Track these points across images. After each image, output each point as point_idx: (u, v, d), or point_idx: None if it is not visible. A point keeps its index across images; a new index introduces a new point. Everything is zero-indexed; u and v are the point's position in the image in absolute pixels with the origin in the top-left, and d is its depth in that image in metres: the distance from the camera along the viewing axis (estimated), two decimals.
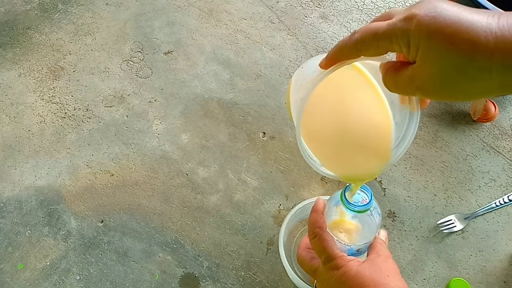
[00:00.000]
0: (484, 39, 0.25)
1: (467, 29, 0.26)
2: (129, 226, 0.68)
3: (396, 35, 0.28)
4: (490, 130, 0.75)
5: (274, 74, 0.83)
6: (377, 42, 0.30)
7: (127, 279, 0.63)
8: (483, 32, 0.25)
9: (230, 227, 0.67)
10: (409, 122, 0.38)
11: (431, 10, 0.27)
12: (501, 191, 0.69)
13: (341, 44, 0.33)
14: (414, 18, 0.27)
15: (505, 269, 0.63)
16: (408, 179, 0.71)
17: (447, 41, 0.26)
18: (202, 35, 0.89)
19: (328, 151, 0.40)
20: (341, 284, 0.41)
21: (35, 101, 0.81)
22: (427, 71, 0.28)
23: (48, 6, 0.94)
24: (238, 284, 0.63)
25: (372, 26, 0.30)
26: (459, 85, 0.27)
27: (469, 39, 0.26)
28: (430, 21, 0.27)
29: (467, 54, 0.26)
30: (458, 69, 0.26)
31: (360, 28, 0.31)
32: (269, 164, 0.73)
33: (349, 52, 0.32)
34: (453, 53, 0.26)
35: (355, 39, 0.31)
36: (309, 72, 0.38)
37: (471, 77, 0.26)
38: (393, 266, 0.42)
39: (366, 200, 0.42)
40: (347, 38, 0.32)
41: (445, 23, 0.26)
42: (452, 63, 0.26)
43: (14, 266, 0.65)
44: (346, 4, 0.93)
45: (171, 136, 0.76)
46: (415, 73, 0.29)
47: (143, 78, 0.83)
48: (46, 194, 0.71)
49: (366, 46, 0.31)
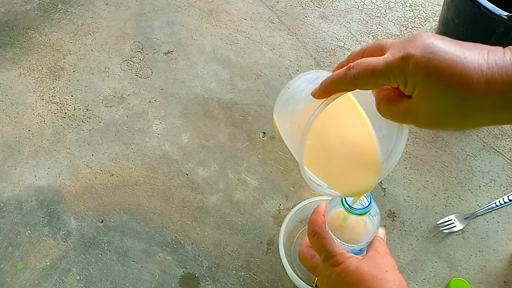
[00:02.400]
0: (476, 81, 0.27)
1: (461, 71, 0.27)
2: (129, 226, 0.68)
3: (394, 74, 0.30)
4: (490, 130, 0.75)
5: (274, 74, 0.83)
6: (375, 79, 0.31)
7: (127, 279, 0.63)
8: (476, 74, 0.27)
9: (230, 227, 0.67)
10: (398, 136, 0.39)
11: (427, 50, 0.28)
12: (501, 191, 0.69)
13: (336, 78, 0.34)
14: (411, 58, 0.29)
15: (505, 269, 0.63)
16: (408, 179, 0.71)
17: (443, 83, 0.28)
18: (202, 35, 0.89)
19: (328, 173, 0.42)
20: (341, 280, 0.42)
21: (35, 101, 0.81)
22: (422, 108, 0.30)
23: (48, 6, 0.94)
24: (238, 284, 0.63)
25: (369, 64, 0.31)
26: (452, 121, 0.29)
27: (463, 82, 0.27)
28: (426, 62, 0.28)
29: (462, 95, 0.28)
30: (452, 108, 0.29)
31: (355, 64, 0.32)
32: (269, 164, 0.73)
33: (345, 87, 0.34)
34: (449, 94, 0.28)
35: (353, 75, 0.32)
36: (300, 97, 0.39)
37: (464, 115, 0.29)
38: (391, 262, 0.44)
39: (365, 202, 0.43)
40: (343, 72, 0.33)
41: (441, 66, 0.28)
42: (447, 102, 0.28)
43: (14, 266, 0.65)
44: (346, 4, 0.93)
45: (171, 136, 0.76)
46: (411, 107, 0.31)
47: (143, 78, 0.83)
48: (46, 194, 0.71)
49: (364, 82, 0.32)
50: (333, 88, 0.34)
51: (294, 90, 0.41)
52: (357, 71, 0.32)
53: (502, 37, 0.67)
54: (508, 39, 0.66)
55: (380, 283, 0.40)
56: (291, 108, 0.41)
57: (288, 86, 0.42)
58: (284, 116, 0.42)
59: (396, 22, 0.90)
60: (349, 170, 0.42)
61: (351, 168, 0.43)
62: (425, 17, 0.90)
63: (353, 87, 0.33)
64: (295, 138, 0.39)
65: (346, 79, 0.33)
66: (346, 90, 0.34)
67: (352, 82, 0.32)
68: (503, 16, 0.63)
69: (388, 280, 0.41)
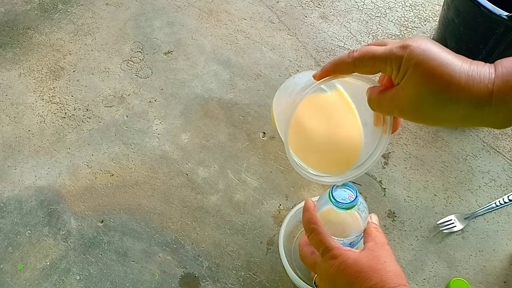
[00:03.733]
0: (458, 76, 0.31)
1: (446, 65, 0.32)
2: (129, 226, 0.68)
3: (391, 58, 0.34)
4: (490, 130, 0.75)
5: (274, 74, 0.83)
6: (373, 61, 0.35)
7: (127, 279, 0.63)
8: (458, 71, 0.32)
9: (230, 227, 0.67)
10: (379, 142, 0.43)
11: (423, 44, 0.33)
12: (501, 191, 0.69)
13: (338, 60, 0.37)
14: (408, 47, 0.33)
15: (505, 269, 0.63)
16: (408, 179, 0.71)
17: (429, 72, 0.32)
18: (202, 35, 0.89)
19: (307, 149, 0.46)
20: (339, 273, 0.42)
21: (35, 101, 0.81)
22: (407, 92, 0.34)
23: (48, 6, 0.94)
24: (238, 284, 0.63)
25: (371, 48, 0.35)
26: (431, 109, 0.33)
27: (447, 73, 0.32)
28: (420, 52, 0.33)
29: (443, 85, 0.32)
30: (433, 95, 0.32)
31: (359, 48, 0.36)
32: (269, 164, 0.73)
33: (345, 67, 0.37)
34: (432, 82, 0.32)
35: (354, 56, 0.36)
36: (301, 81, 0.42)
37: (442, 104, 0.32)
38: (389, 252, 0.44)
39: (352, 197, 0.45)
40: (346, 55, 0.37)
41: (431, 57, 0.32)
42: (429, 89, 0.32)
43: (14, 266, 0.65)
44: (346, 4, 0.93)
45: (171, 136, 0.76)
46: (397, 93, 0.35)
47: (143, 78, 0.83)
48: (46, 194, 0.71)
49: (363, 64, 0.36)
50: (333, 68, 0.37)
51: (298, 79, 0.44)
52: (359, 53, 0.36)
53: (502, 37, 0.67)
54: (508, 39, 0.66)
55: (378, 273, 0.41)
56: (290, 90, 0.44)
57: (293, 76, 0.46)
58: (282, 97, 0.45)
59: (396, 22, 0.90)
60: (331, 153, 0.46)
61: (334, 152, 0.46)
62: (425, 17, 0.90)
63: (352, 68, 0.36)
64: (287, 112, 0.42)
65: (347, 60, 0.36)
66: (346, 71, 0.37)
67: (352, 63, 0.36)
68: (503, 16, 0.63)
69: (387, 270, 0.41)
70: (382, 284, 0.40)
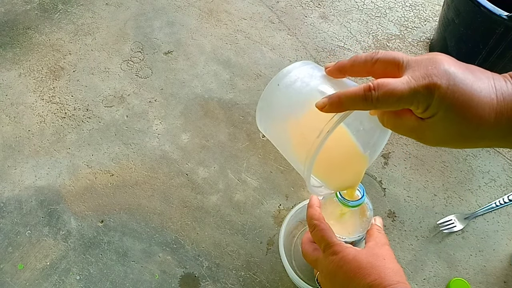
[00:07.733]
0: (488, 116, 0.31)
1: (477, 105, 0.31)
2: (129, 226, 0.68)
3: (418, 101, 0.31)
4: None
5: (274, 74, 0.82)
6: (398, 104, 0.32)
7: (127, 279, 0.63)
8: (488, 109, 0.31)
9: (230, 227, 0.67)
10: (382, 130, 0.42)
11: (451, 82, 0.31)
12: (501, 191, 0.69)
13: (354, 96, 0.33)
14: (437, 89, 0.31)
15: (505, 269, 0.63)
16: (408, 179, 0.71)
17: (461, 115, 0.31)
18: (202, 35, 0.89)
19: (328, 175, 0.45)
20: (339, 268, 0.43)
21: (35, 101, 0.81)
22: (435, 132, 0.33)
23: (48, 6, 0.94)
24: (238, 284, 0.63)
25: (394, 88, 0.31)
26: (456, 144, 0.33)
27: (478, 116, 0.31)
28: (451, 95, 0.31)
29: (473, 127, 0.31)
30: (461, 135, 0.32)
31: (377, 86, 0.32)
32: (269, 164, 0.73)
33: (364, 107, 0.33)
34: (463, 125, 0.31)
35: (376, 98, 0.32)
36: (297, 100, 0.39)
37: (469, 141, 0.32)
38: (388, 251, 0.44)
39: (359, 196, 0.45)
40: (362, 92, 0.33)
41: (462, 99, 0.31)
42: (459, 130, 0.32)
43: (14, 266, 0.65)
44: (346, 4, 0.93)
45: (171, 136, 0.76)
46: (422, 128, 0.33)
47: (143, 78, 0.83)
48: (46, 194, 0.71)
49: (387, 105, 0.32)
50: (349, 106, 0.34)
51: (286, 89, 0.40)
52: (380, 94, 0.32)
53: (502, 37, 0.67)
54: (508, 39, 0.66)
55: (377, 270, 0.41)
56: (285, 112, 0.40)
57: (276, 82, 0.40)
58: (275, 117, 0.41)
59: (396, 22, 0.90)
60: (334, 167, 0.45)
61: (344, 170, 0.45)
62: (425, 17, 0.90)
63: (372, 108, 0.33)
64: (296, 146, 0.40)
65: (367, 101, 0.32)
66: (365, 109, 0.34)
67: (373, 104, 0.32)
68: (503, 16, 0.63)
69: (386, 267, 0.41)
70: (381, 281, 0.40)
